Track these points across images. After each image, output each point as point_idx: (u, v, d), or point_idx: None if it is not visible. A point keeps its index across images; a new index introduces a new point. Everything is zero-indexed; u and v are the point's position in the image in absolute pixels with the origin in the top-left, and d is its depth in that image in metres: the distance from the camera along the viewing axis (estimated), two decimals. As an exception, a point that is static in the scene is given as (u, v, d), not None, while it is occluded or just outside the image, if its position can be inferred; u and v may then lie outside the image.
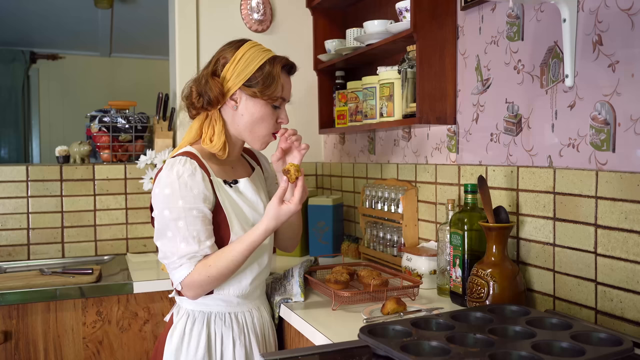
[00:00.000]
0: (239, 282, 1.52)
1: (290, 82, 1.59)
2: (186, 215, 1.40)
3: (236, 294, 1.53)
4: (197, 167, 1.46)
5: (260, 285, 1.63)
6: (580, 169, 1.39)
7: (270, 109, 1.54)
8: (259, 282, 1.61)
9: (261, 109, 1.52)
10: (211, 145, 1.51)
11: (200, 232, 1.41)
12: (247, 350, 1.53)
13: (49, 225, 2.53)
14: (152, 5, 4.79)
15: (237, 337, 1.52)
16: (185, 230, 1.40)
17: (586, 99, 1.38)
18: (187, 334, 1.49)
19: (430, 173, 2.03)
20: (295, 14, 2.79)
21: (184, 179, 1.42)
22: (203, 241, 1.42)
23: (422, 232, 2.07)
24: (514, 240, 1.62)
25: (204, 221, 1.42)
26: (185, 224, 1.40)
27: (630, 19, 1.27)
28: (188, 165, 1.44)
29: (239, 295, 1.53)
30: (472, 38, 1.80)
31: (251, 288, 1.56)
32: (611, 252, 1.31)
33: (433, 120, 1.86)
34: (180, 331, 1.49)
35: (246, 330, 1.55)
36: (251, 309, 1.58)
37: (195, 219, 1.41)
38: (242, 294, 1.54)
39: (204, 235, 1.42)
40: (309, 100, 2.81)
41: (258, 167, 1.74)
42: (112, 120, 2.67)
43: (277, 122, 1.57)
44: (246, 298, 1.56)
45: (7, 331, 1.94)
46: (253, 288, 1.57)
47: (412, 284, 1.70)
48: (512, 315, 1.30)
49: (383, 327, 1.22)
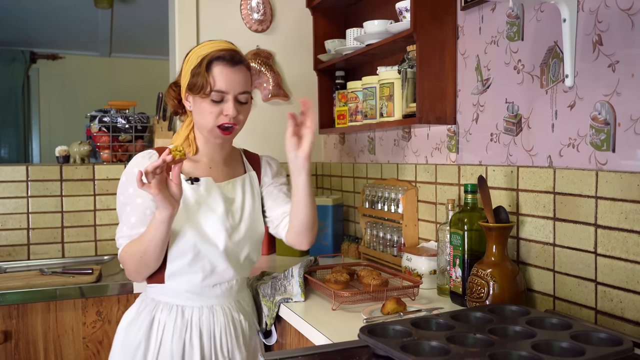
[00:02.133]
0: (190, 278, 1.56)
1: (233, 73, 1.52)
2: (132, 201, 1.53)
3: (185, 288, 1.56)
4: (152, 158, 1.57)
5: (220, 288, 1.60)
6: (580, 169, 1.39)
7: (209, 104, 1.52)
8: (216, 283, 1.59)
9: (200, 106, 1.53)
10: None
11: (139, 219, 1.51)
12: (185, 344, 1.55)
13: (49, 225, 2.53)
14: (152, 5, 4.79)
15: (178, 328, 1.55)
16: (130, 214, 1.53)
17: (586, 99, 1.38)
18: (135, 317, 1.59)
19: (430, 173, 2.03)
20: (295, 14, 2.79)
21: (133, 170, 1.54)
22: (137, 227, 1.51)
23: (422, 232, 2.07)
24: (514, 240, 1.62)
25: (144, 211, 1.52)
26: (130, 209, 1.53)
27: (630, 19, 1.27)
28: (141, 158, 1.59)
29: (188, 291, 1.57)
30: (472, 38, 1.80)
31: (204, 287, 1.57)
32: (611, 252, 1.31)
33: (433, 120, 1.86)
34: (131, 313, 1.61)
35: (189, 325, 1.56)
36: (202, 306, 1.58)
37: (137, 207, 1.52)
38: (193, 291, 1.57)
39: (140, 223, 1.51)
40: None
41: (254, 172, 1.72)
42: (112, 120, 2.67)
43: (224, 115, 1.52)
44: (198, 295, 1.58)
45: (7, 331, 1.95)
46: (207, 287, 1.58)
47: (412, 284, 1.70)
48: (512, 315, 1.30)
49: (383, 327, 1.22)
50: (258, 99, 2.77)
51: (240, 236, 1.61)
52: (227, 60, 1.52)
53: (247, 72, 1.57)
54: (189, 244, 1.53)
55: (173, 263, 1.55)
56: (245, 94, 1.56)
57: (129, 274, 1.55)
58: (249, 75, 1.58)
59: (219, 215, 1.57)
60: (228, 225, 1.58)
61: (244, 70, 1.56)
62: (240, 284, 1.66)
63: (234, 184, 1.65)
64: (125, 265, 1.54)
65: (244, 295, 1.71)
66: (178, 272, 1.56)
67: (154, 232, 1.44)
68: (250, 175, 1.71)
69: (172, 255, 1.54)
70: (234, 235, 1.59)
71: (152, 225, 1.44)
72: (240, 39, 2.70)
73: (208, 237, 1.55)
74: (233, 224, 1.60)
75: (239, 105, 1.55)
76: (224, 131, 1.54)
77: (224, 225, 1.57)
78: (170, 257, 1.54)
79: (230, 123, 1.53)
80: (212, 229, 1.56)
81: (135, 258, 1.49)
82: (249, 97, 1.58)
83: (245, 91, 1.55)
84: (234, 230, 1.60)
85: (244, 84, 1.55)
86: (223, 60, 1.52)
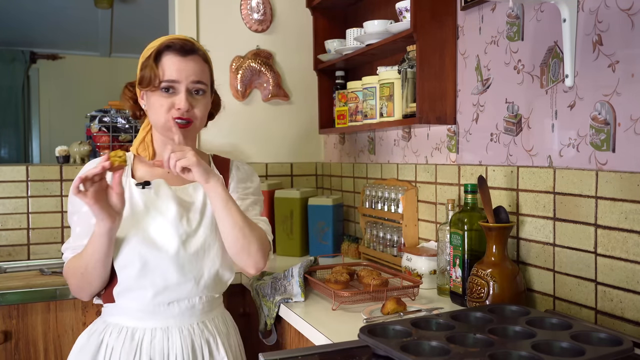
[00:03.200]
0: (139, 295, 1.40)
1: (183, 61, 1.40)
2: (79, 210, 1.42)
3: (137, 307, 1.40)
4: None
5: (177, 306, 1.42)
6: (580, 169, 1.39)
7: (159, 97, 1.40)
8: (172, 301, 1.41)
9: (151, 100, 1.42)
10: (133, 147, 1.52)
11: (83, 229, 1.41)
12: None
13: (49, 225, 2.53)
14: (152, 5, 4.79)
15: (125, 353, 1.38)
16: (76, 223, 1.43)
17: (586, 99, 1.38)
18: (85, 341, 1.45)
19: (430, 173, 2.03)
20: (295, 14, 2.79)
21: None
22: (81, 238, 1.40)
23: (422, 232, 2.07)
24: (514, 240, 1.62)
25: (89, 220, 1.37)
26: (77, 218, 1.43)
27: (630, 19, 1.27)
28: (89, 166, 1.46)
29: (140, 310, 1.40)
30: (472, 38, 1.80)
31: (157, 304, 1.40)
32: (611, 252, 1.31)
33: (433, 120, 1.86)
34: (82, 337, 1.47)
35: (139, 350, 1.38)
36: (155, 328, 1.40)
37: (83, 215, 1.41)
38: (145, 309, 1.40)
39: (85, 233, 1.39)
40: (309, 100, 2.81)
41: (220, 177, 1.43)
42: (112, 120, 2.67)
43: (175, 108, 1.39)
44: (151, 314, 1.40)
45: (7, 331, 1.94)
46: (161, 306, 1.40)
47: (412, 284, 1.70)
48: (512, 315, 1.30)
49: (383, 327, 1.22)
50: (257, 98, 2.77)
51: (199, 245, 1.42)
52: (177, 49, 1.41)
53: (202, 63, 1.44)
54: (133, 252, 1.37)
55: (120, 276, 1.39)
56: (200, 84, 1.42)
57: (72, 290, 1.43)
58: (205, 67, 1.45)
59: (169, 219, 1.40)
60: (182, 231, 1.40)
61: (198, 60, 1.43)
62: (207, 302, 1.47)
63: (195, 187, 1.48)
64: (68, 282, 1.42)
65: (214, 315, 1.50)
66: (126, 287, 1.40)
67: (94, 247, 1.32)
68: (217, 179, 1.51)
69: (118, 267, 1.39)
70: (189, 242, 1.41)
71: (92, 240, 1.33)
72: (240, 39, 2.71)
73: (155, 243, 1.38)
74: (189, 230, 1.42)
75: (192, 97, 1.41)
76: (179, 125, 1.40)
77: (175, 230, 1.40)
78: (117, 270, 1.39)
79: (184, 118, 1.40)
80: (160, 233, 1.39)
81: (77, 274, 1.37)
82: (206, 89, 1.44)
83: (199, 81, 1.41)
84: (190, 237, 1.42)
85: (197, 73, 1.41)
86: (172, 49, 1.41)
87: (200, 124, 1.46)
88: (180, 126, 1.40)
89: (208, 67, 1.48)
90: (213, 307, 1.50)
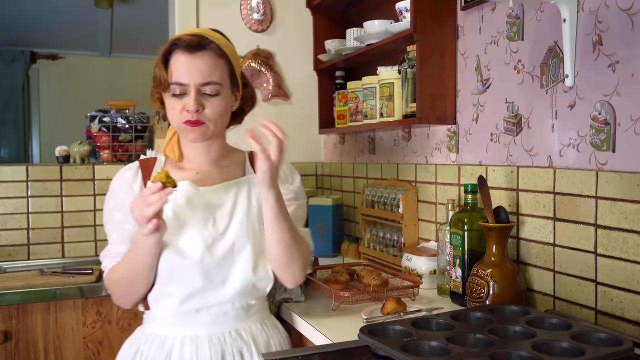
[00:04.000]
0: (167, 303, 1.35)
1: (191, 60, 1.32)
2: (112, 217, 1.40)
3: (166, 315, 1.36)
4: (133, 172, 1.43)
5: (207, 314, 1.35)
6: (580, 169, 1.39)
7: (172, 100, 1.34)
8: (200, 308, 1.34)
9: (166, 101, 1.37)
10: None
11: (119, 235, 1.37)
12: None
13: (49, 225, 2.52)
14: (152, 5, 4.79)
15: None
16: (111, 231, 1.40)
17: (586, 99, 1.38)
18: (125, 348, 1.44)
19: (430, 173, 2.03)
20: (295, 14, 2.79)
21: (115, 184, 1.44)
22: (118, 244, 1.37)
23: (422, 232, 2.07)
24: (514, 240, 1.62)
25: (124, 225, 1.36)
26: (111, 226, 1.40)
27: (630, 19, 1.27)
28: (124, 171, 1.45)
29: (169, 318, 1.36)
30: (472, 38, 1.80)
31: (184, 312, 1.34)
32: (611, 252, 1.31)
33: (433, 120, 1.86)
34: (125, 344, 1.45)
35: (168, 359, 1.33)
36: (185, 336, 1.34)
37: (117, 222, 1.38)
38: (173, 318, 1.36)
39: (121, 240, 1.37)
40: (309, 100, 2.81)
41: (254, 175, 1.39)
42: (112, 120, 2.67)
43: (186, 110, 1.33)
44: (180, 322, 1.35)
45: (7, 331, 1.94)
46: (190, 314, 1.35)
47: (412, 284, 1.70)
48: (512, 315, 1.30)
49: (383, 327, 1.22)
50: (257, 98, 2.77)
51: (226, 249, 1.35)
52: (184, 47, 1.31)
53: (214, 59, 1.33)
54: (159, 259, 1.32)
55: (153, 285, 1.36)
56: (210, 85, 1.32)
57: (115, 300, 1.39)
58: (219, 63, 1.34)
59: (193, 223, 1.34)
60: (207, 235, 1.34)
61: (210, 56, 1.33)
62: (242, 309, 1.38)
63: (227, 188, 1.41)
64: (111, 291, 1.38)
65: (251, 322, 1.41)
66: (156, 294, 1.36)
67: (144, 257, 1.27)
68: (249, 179, 1.45)
69: None
70: (215, 246, 1.34)
71: (139, 249, 1.27)
72: (240, 39, 2.71)
73: (178, 249, 1.33)
74: (214, 234, 1.35)
75: (204, 98, 1.33)
76: (190, 123, 1.34)
77: (200, 234, 1.33)
78: None
79: (193, 120, 1.32)
80: (183, 239, 1.33)
81: (124, 284, 1.34)
82: (219, 88, 1.34)
83: (209, 82, 1.32)
84: (216, 241, 1.34)
85: (206, 73, 1.32)
86: (179, 48, 1.32)
87: (215, 126, 1.37)
88: (190, 125, 1.34)
89: (224, 61, 1.36)
90: (249, 314, 1.41)
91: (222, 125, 1.42)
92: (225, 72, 1.37)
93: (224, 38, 1.42)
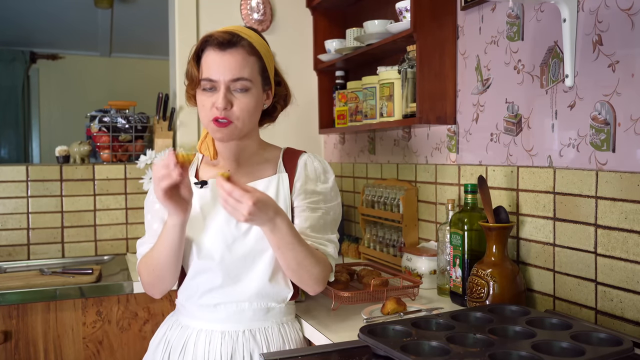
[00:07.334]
0: (189, 294, 1.40)
1: (221, 57, 1.32)
2: (151, 209, 1.45)
3: (188, 307, 1.41)
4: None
5: (224, 310, 1.38)
6: (580, 169, 1.39)
7: (203, 97, 1.34)
8: (218, 303, 1.38)
9: (198, 98, 1.37)
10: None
11: (160, 225, 1.40)
12: None
13: (49, 225, 2.52)
14: (152, 5, 4.79)
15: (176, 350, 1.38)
16: (151, 221, 1.45)
17: (586, 99, 1.38)
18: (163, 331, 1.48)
19: (430, 173, 2.03)
20: (295, 14, 2.79)
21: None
22: (154, 235, 1.41)
23: (422, 232, 2.07)
24: (514, 240, 1.62)
25: (163, 216, 1.38)
26: (151, 217, 1.45)
27: (630, 19, 1.27)
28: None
29: (190, 310, 1.41)
30: (472, 38, 1.80)
31: (203, 306, 1.38)
32: (611, 252, 1.31)
33: (433, 120, 1.86)
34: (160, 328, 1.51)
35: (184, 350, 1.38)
36: (201, 330, 1.38)
37: (156, 213, 1.43)
38: (193, 309, 1.40)
39: (158, 231, 1.39)
40: (309, 100, 2.81)
41: (285, 174, 1.43)
42: (112, 120, 2.66)
43: (215, 107, 1.32)
44: (199, 315, 1.39)
45: (7, 331, 1.94)
46: (206, 307, 1.38)
47: (412, 284, 1.70)
48: (512, 315, 1.30)
49: (383, 327, 1.22)
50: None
51: (246, 250, 1.36)
52: (215, 44, 1.32)
53: (245, 56, 1.33)
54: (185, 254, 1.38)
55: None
56: (240, 81, 1.32)
57: (144, 287, 1.42)
58: (250, 60, 1.34)
59: (217, 221, 1.37)
60: (228, 234, 1.36)
61: (240, 53, 1.32)
62: (260, 310, 1.39)
63: (268, 183, 1.41)
64: (141, 278, 1.42)
65: (268, 325, 1.41)
66: (182, 287, 1.43)
67: (167, 240, 1.30)
68: (280, 177, 1.43)
69: None
70: (235, 246, 1.36)
71: (163, 233, 1.32)
72: (240, 39, 2.71)
73: (201, 247, 1.37)
74: (236, 234, 1.36)
75: (233, 96, 1.32)
76: (217, 124, 1.33)
77: (221, 233, 1.36)
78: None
79: (222, 117, 1.31)
80: (206, 237, 1.37)
81: (149, 270, 1.37)
82: (250, 85, 1.33)
83: (239, 78, 1.31)
84: (237, 241, 1.36)
85: (236, 69, 1.31)
86: (211, 45, 1.33)
87: (243, 124, 1.35)
88: (218, 125, 1.33)
89: (255, 58, 1.35)
90: (268, 317, 1.40)
91: (251, 124, 1.39)
92: (256, 69, 1.36)
93: (258, 35, 1.41)
